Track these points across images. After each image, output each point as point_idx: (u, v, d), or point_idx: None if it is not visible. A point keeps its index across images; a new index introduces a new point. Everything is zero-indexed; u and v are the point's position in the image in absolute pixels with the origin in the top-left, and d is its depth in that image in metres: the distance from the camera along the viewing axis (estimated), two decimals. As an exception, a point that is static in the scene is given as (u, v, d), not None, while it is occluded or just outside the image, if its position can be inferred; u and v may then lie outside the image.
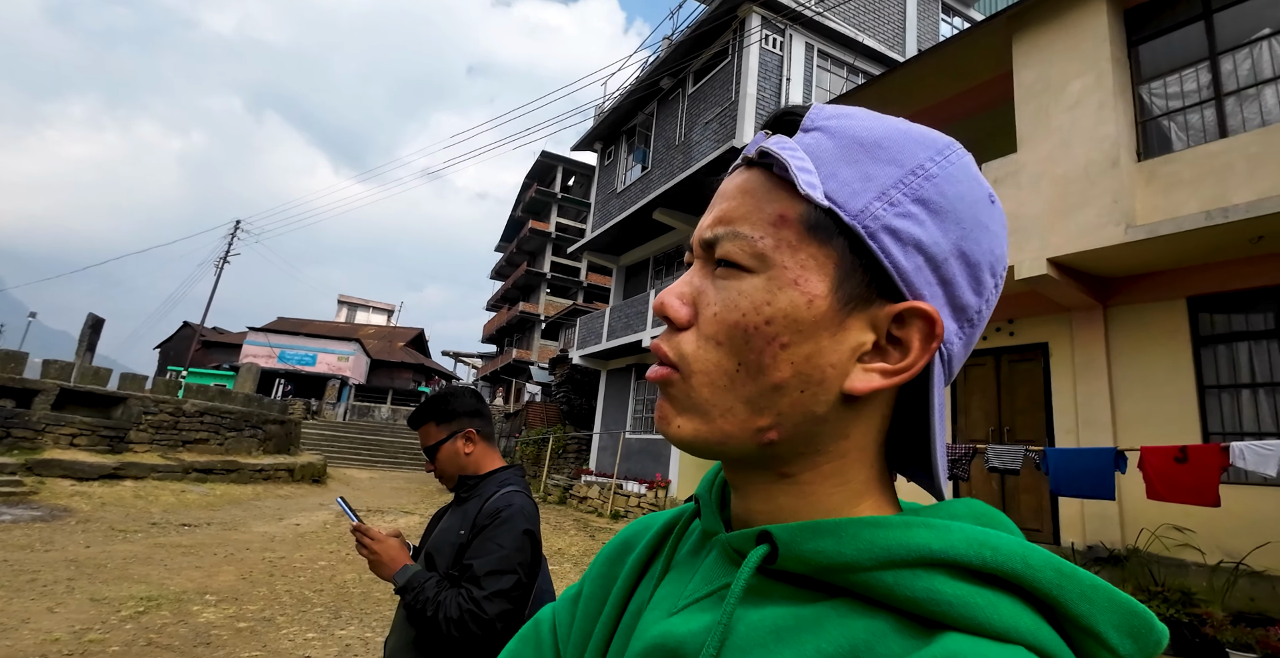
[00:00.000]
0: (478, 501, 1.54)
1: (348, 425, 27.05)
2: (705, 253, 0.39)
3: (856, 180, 0.35)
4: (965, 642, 0.28)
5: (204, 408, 12.03)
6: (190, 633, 4.07)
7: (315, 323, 41.70)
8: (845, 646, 0.30)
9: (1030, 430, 7.04)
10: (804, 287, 0.35)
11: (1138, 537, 5.81)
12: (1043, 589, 0.30)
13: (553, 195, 35.95)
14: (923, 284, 0.35)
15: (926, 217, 0.35)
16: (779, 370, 0.35)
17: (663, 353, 0.38)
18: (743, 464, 0.38)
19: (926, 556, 0.31)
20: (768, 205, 0.36)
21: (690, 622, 0.36)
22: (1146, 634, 0.30)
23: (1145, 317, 6.30)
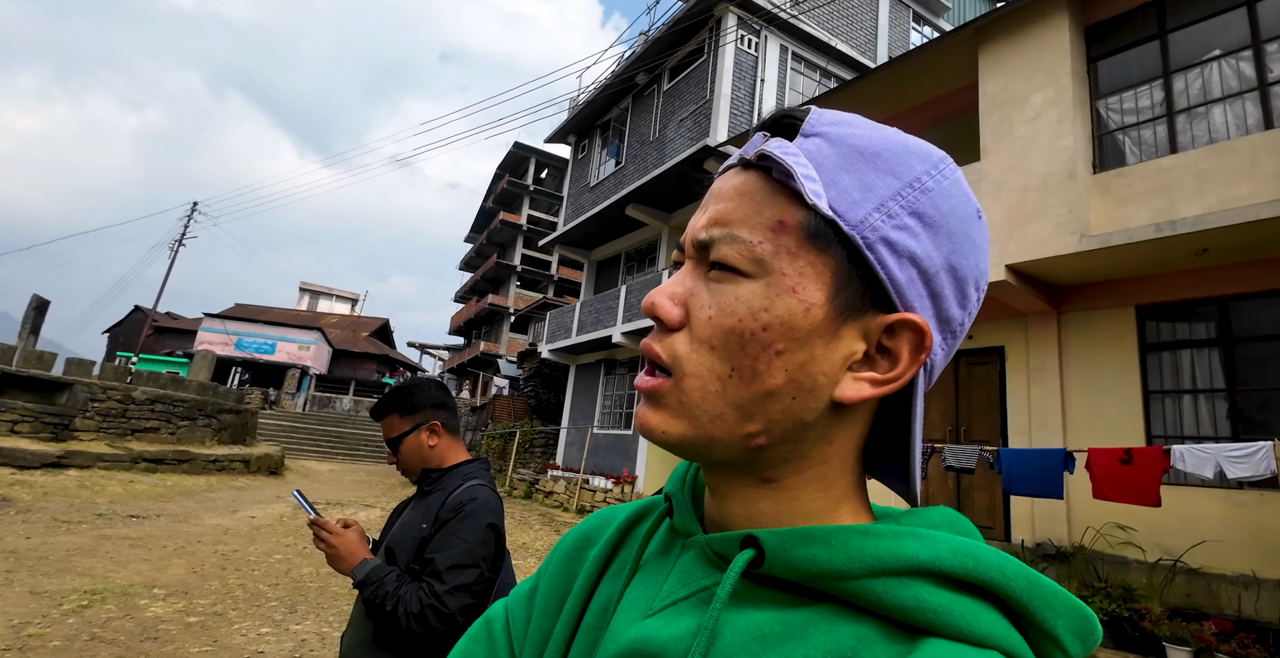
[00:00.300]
0: (441, 494, 1.52)
1: (307, 416, 26.43)
2: (699, 254, 0.38)
3: (857, 190, 0.35)
4: (948, 648, 0.30)
5: (155, 396, 11.62)
6: (136, 628, 3.94)
7: (275, 310, 40.59)
8: (832, 652, 0.31)
9: (985, 431, 7.25)
10: (801, 294, 0.35)
11: (1083, 535, 6.05)
12: (1015, 597, 0.32)
13: (525, 187, 35.61)
14: (914, 297, 0.35)
15: (921, 230, 0.35)
16: (772, 377, 0.35)
17: (654, 353, 0.38)
18: (725, 467, 0.38)
19: (914, 565, 0.32)
20: (767, 210, 0.36)
21: (670, 626, 0.36)
22: (1090, 635, 0.33)
23: (1096, 323, 6.54)
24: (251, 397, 24.25)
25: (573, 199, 16.53)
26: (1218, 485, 5.35)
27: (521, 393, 19.53)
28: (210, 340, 29.66)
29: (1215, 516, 5.38)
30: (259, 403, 25.18)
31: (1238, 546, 5.21)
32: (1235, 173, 5.26)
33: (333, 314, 43.95)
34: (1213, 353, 5.86)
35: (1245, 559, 5.15)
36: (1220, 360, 5.80)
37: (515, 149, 36.22)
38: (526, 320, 31.72)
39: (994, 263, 6.39)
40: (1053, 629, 0.32)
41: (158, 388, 11.98)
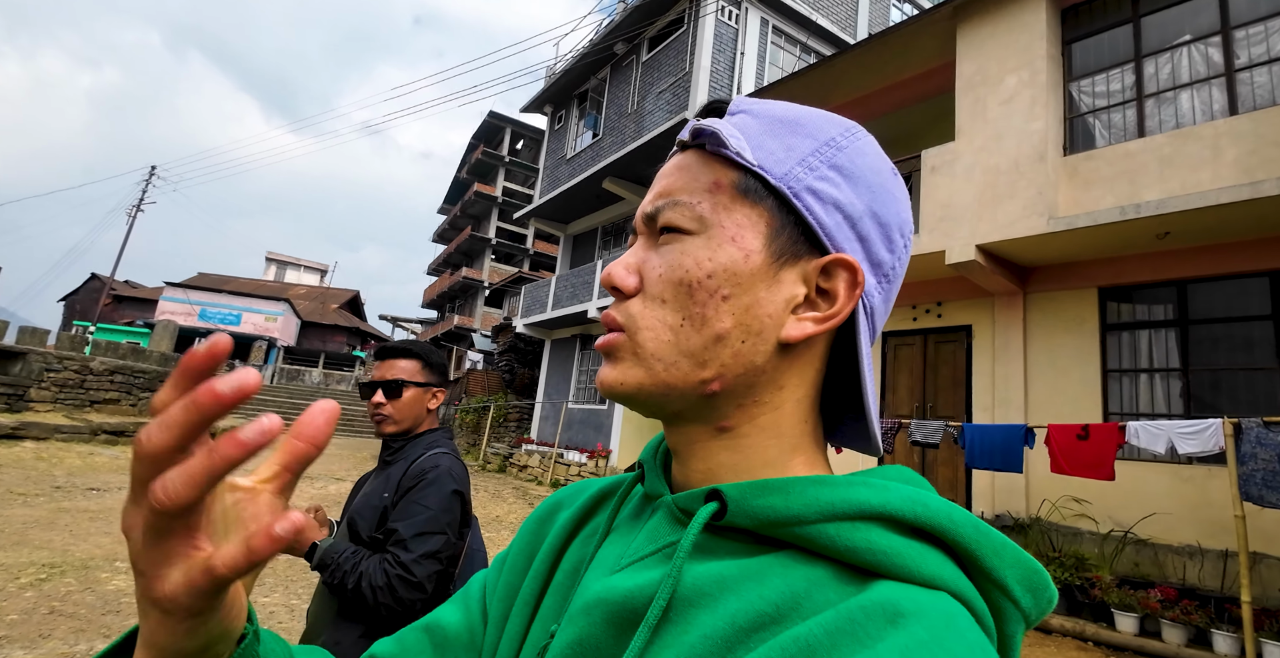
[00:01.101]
0: (403, 463, 1.50)
1: (276, 389, 26.00)
2: (648, 227, 0.41)
3: (780, 150, 0.39)
4: (897, 589, 0.30)
5: (115, 366, 11.29)
6: (97, 601, 3.88)
7: (240, 280, 39.54)
8: (786, 593, 0.32)
9: (950, 408, 7.43)
10: (740, 243, 0.38)
11: (1040, 507, 6.28)
12: (963, 544, 0.33)
13: (500, 158, 34.92)
14: (844, 239, 0.39)
15: (841, 180, 0.39)
16: (721, 321, 0.37)
17: (611, 320, 0.40)
18: (683, 419, 0.40)
19: (866, 510, 0.33)
20: (703, 176, 0.40)
21: (636, 577, 0.37)
22: (1042, 591, 0.34)
23: (1060, 304, 6.69)
24: (217, 369, 23.72)
25: (549, 171, 16.27)
26: (1168, 461, 5.58)
27: (496, 367, 19.44)
28: (172, 310, 28.84)
29: (1164, 489, 5.62)
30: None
31: (1184, 518, 5.46)
32: (1198, 158, 5.37)
33: (301, 285, 42.98)
34: (1169, 334, 6.05)
35: (1190, 531, 5.40)
36: (1176, 341, 6.00)
37: (490, 118, 35.41)
38: (501, 294, 31.40)
39: (964, 242, 6.48)
40: (1001, 578, 0.33)
41: (117, 358, 11.64)
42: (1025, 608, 0.33)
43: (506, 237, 34.96)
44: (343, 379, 30.79)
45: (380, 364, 1.59)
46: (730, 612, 0.32)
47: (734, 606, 0.33)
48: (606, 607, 0.37)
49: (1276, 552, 4.97)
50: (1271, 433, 4.28)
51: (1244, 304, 5.67)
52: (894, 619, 0.28)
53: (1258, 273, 5.58)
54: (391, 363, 1.57)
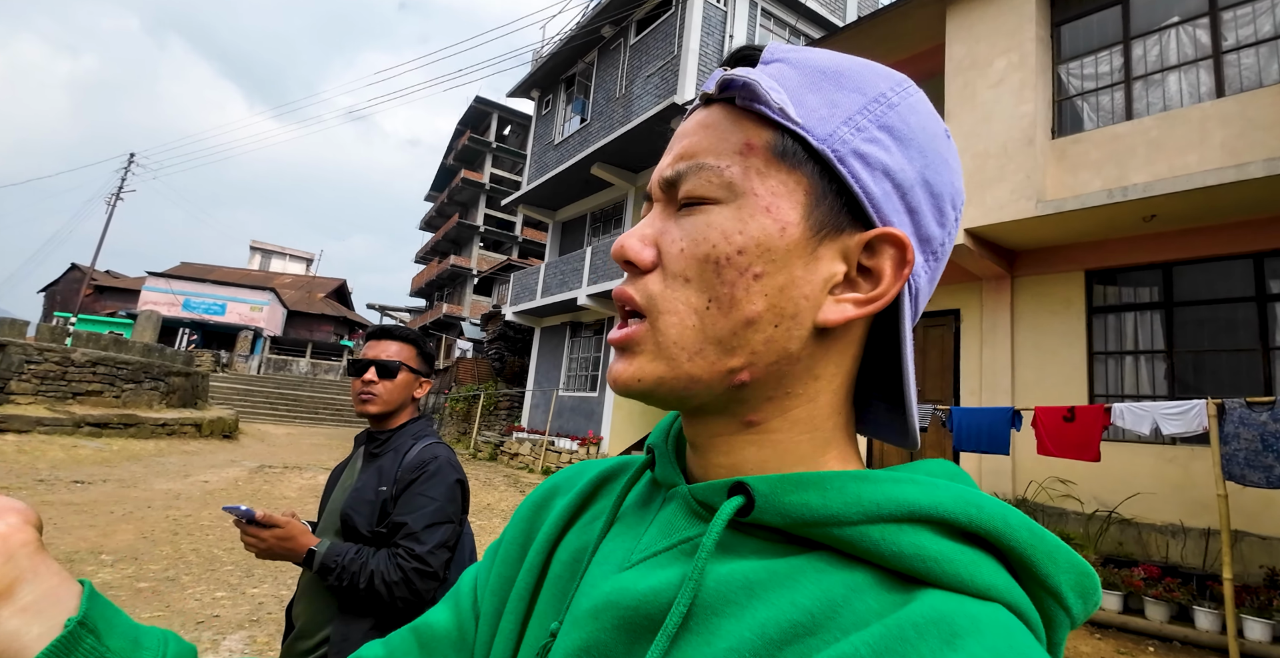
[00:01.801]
0: (393, 455, 1.48)
1: (263, 379, 25.80)
2: (666, 194, 0.37)
3: (823, 106, 0.34)
4: (949, 600, 0.28)
5: (97, 358, 11.13)
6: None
7: (225, 269, 39.07)
8: (822, 600, 0.29)
9: (939, 391, 7.49)
10: (776, 214, 0.33)
11: (1026, 488, 6.36)
12: (1018, 549, 0.30)
13: (487, 144, 34.56)
14: (891, 211, 0.34)
15: (892, 143, 0.34)
16: (752, 304, 0.33)
17: (627, 297, 0.36)
18: (706, 412, 0.36)
19: (915, 511, 0.30)
20: (732, 135, 0.35)
21: (649, 577, 0.34)
22: (1092, 594, 0.32)
23: (1047, 287, 6.73)
24: (202, 359, 23.51)
25: (536, 157, 16.11)
26: (1153, 442, 5.65)
27: (485, 355, 19.37)
28: (155, 301, 28.45)
29: (1149, 470, 5.70)
30: (210, 365, 24.44)
31: (1167, 498, 5.54)
32: (1185, 141, 5.38)
33: (286, 274, 42.54)
34: (1155, 316, 6.11)
35: (1174, 510, 5.49)
36: (1161, 323, 6.05)
37: (476, 104, 34.99)
38: (490, 282, 31.20)
39: (954, 227, 6.47)
40: (1056, 585, 0.30)
41: (99, 350, 11.47)
42: (1076, 614, 0.31)
43: (495, 224, 34.70)
44: (331, 369, 30.58)
45: (374, 344, 1.57)
46: (759, 621, 0.29)
47: (763, 614, 0.30)
48: (618, 611, 0.33)
49: (1257, 530, 5.06)
50: (1254, 413, 4.33)
51: (1228, 286, 5.72)
52: (950, 640, 0.25)
53: (1242, 255, 5.63)
54: (386, 344, 1.55)
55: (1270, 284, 5.51)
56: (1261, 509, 5.04)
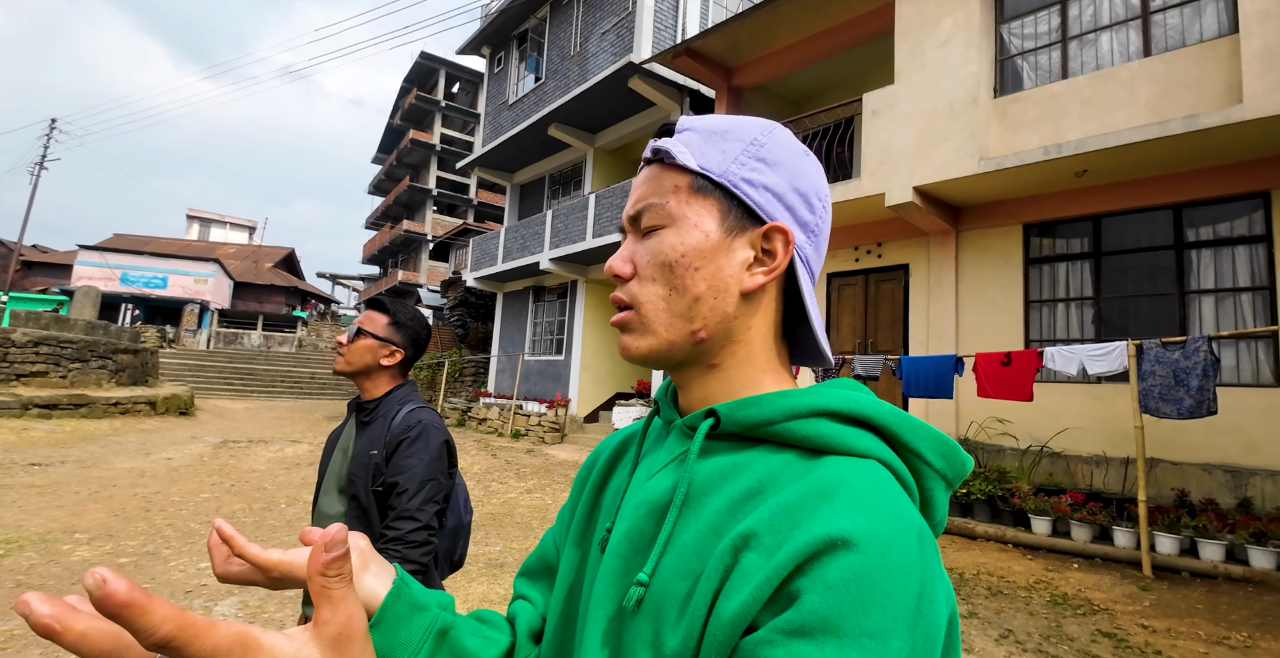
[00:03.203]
0: (383, 421, 1.58)
1: (214, 354, 25.03)
2: (633, 227, 0.54)
3: (716, 154, 0.52)
4: (840, 460, 0.45)
5: (38, 337, 10.69)
6: (64, 572, 3.88)
7: (162, 241, 37.19)
8: (765, 473, 0.46)
9: (890, 342, 7.87)
10: (701, 227, 0.51)
11: (968, 429, 6.83)
12: (886, 426, 0.47)
13: (436, 103, 33.22)
14: (775, 211, 0.51)
15: (766, 168, 0.52)
16: (697, 286, 0.50)
17: (619, 300, 0.53)
18: (685, 365, 0.53)
19: (816, 409, 0.47)
20: (666, 182, 0.52)
21: (664, 481, 0.51)
22: (955, 456, 0.48)
23: (988, 241, 7.08)
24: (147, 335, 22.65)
25: (490, 117, 15.67)
26: (1080, 381, 6.13)
27: (447, 323, 19.18)
28: (90, 275, 27.05)
29: (1077, 407, 6.19)
30: (156, 342, 23.56)
31: (1093, 431, 6.05)
32: (1115, 99, 5.67)
33: (229, 244, 40.74)
34: (1085, 265, 6.52)
35: (1098, 442, 6.01)
36: (1090, 272, 6.47)
37: (423, 60, 33.45)
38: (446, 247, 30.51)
39: (903, 185, 6.71)
40: (917, 448, 0.47)
41: (40, 329, 11.00)
42: (940, 469, 0.47)
43: (448, 187, 33.74)
44: (285, 341, 29.77)
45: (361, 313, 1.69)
46: (729, 493, 0.46)
47: (732, 488, 0.46)
48: (647, 505, 0.50)
49: (1170, 456, 5.60)
50: (1168, 352, 4.76)
51: (1150, 235, 6.13)
52: (843, 479, 0.43)
53: (1163, 206, 6.03)
54: (368, 313, 1.66)
55: (1187, 233, 5.94)
56: (1173, 437, 5.57)
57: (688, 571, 0.44)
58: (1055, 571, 4.77)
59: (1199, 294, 5.83)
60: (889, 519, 0.40)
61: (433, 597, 0.53)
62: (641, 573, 0.46)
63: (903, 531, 0.40)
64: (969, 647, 3.33)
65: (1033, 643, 3.39)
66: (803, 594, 0.37)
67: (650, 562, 0.46)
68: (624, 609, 0.47)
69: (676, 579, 0.44)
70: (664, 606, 0.44)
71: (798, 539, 0.39)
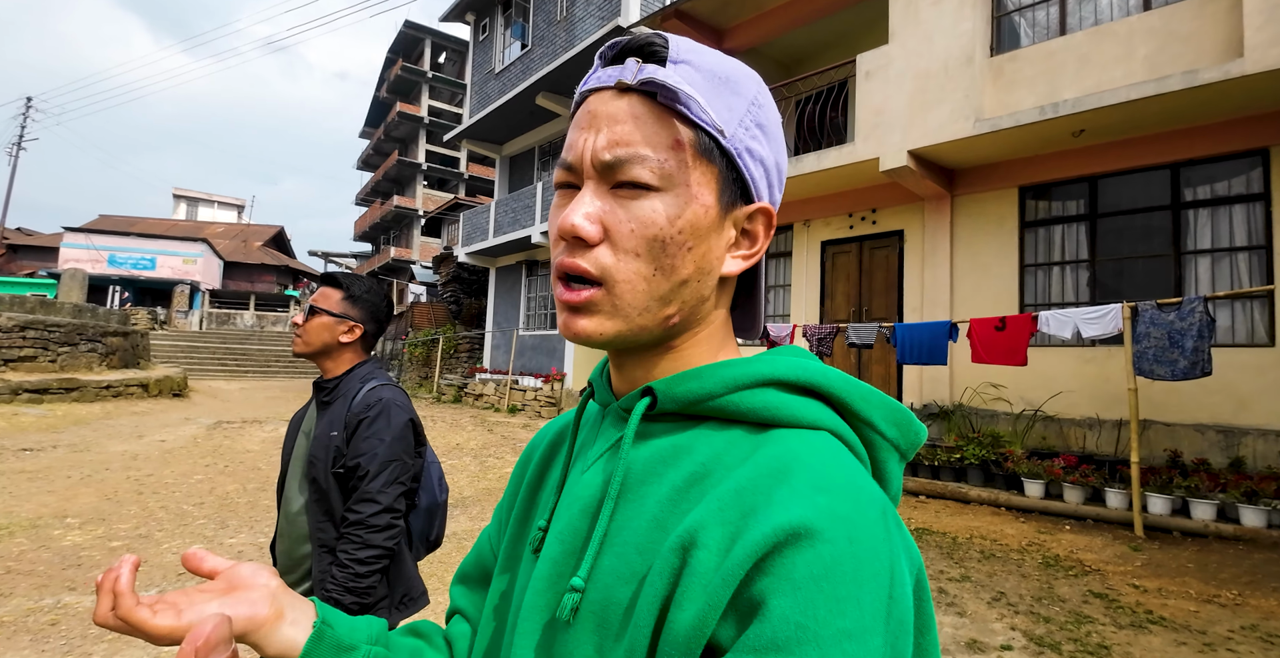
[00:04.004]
0: (343, 401, 1.52)
1: (206, 335, 24.90)
2: (601, 175, 0.43)
3: (724, 110, 0.43)
4: (788, 433, 0.41)
5: (24, 321, 10.56)
6: (55, 557, 3.86)
7: (149, 221, 36.67)
8: (709, 454, 0.41)
9: (884, 310, 7.82)
10: (702, 200, 0.43)
11: (962, 394, 6.83)
12: (836, 394, 0.43)
13: (422, 74, 32.47)
14: (764, 189, 0.46)
15: (763, 137, 0.45)
16: (686, 269, 0.43)
17: (580, 270, 0.42)
18: (642, 347, 0.46)
19: (760, 378, 0.43)
20: (663, 131, 0.42)
21: (598, 474, 0.46)
22: (908, 425, 0.44)
23: (983, 205, 6.97)
24: (138, 317, 22.46)
25: (477, 87, 15.31)
26: (1075, 345, 6.10)
27: (441, 299, 19.06)
28: (76, 257, 26.69)
29: (1070, 371, 6.18)
30: (147, 323, 23.38)
31: (1086, 395, 6.05)
32: (1112, 56, 5.51)
33: (217, 223, 40.22)
34: (1080, 228, 6.43)
35: (1091, 405, 6.01)
36: (1086, 234, 6.39)
37: (407, 29, 32.57)
38: (438, 223, 30.19)
39: (896, 149, 6.57)
40: (868, 417, 0.43)
41: (25, 313, 10.86)
42: (892, 439, 0.44)
43: (438, 160, 33.19)
44: (278, 320, 29.62)
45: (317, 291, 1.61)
46: (671, 481, 0.41)
47: (674, 475, 0.41)
48: (581, 501, 0.45)
49: (1163, 418, 5.61)
50: (1163, 314, 4.71)
51: (1147, 196, 6.04)
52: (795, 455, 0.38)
53: (1160, 165, 5.92)
54: (322, 290, 1.58)
55: (1184, 193, 5.84)
56: (1166, 399, 5.57)
57: (630, 573, 0.39)
58: (1048, 533, 4.80)
59: (1195, 255, 5.76)
60: (851, 498, 0.36)
61: (360, 631, 0.48)
62: (575, 577, 0.40)
63: (866, 509, 0.35)
64: (961, 610, 3.35)
65: (1024, 605, 3.41)
66: (768, 599, 0.32)
67: (585, 564, 0.40)
68: (557, 620, 0.41)
69: (618, 584, 0.39)
70: (606, 615, 0.39)
71: (754, 531, 0.34)
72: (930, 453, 6.22)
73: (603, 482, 0.44)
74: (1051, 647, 2.90)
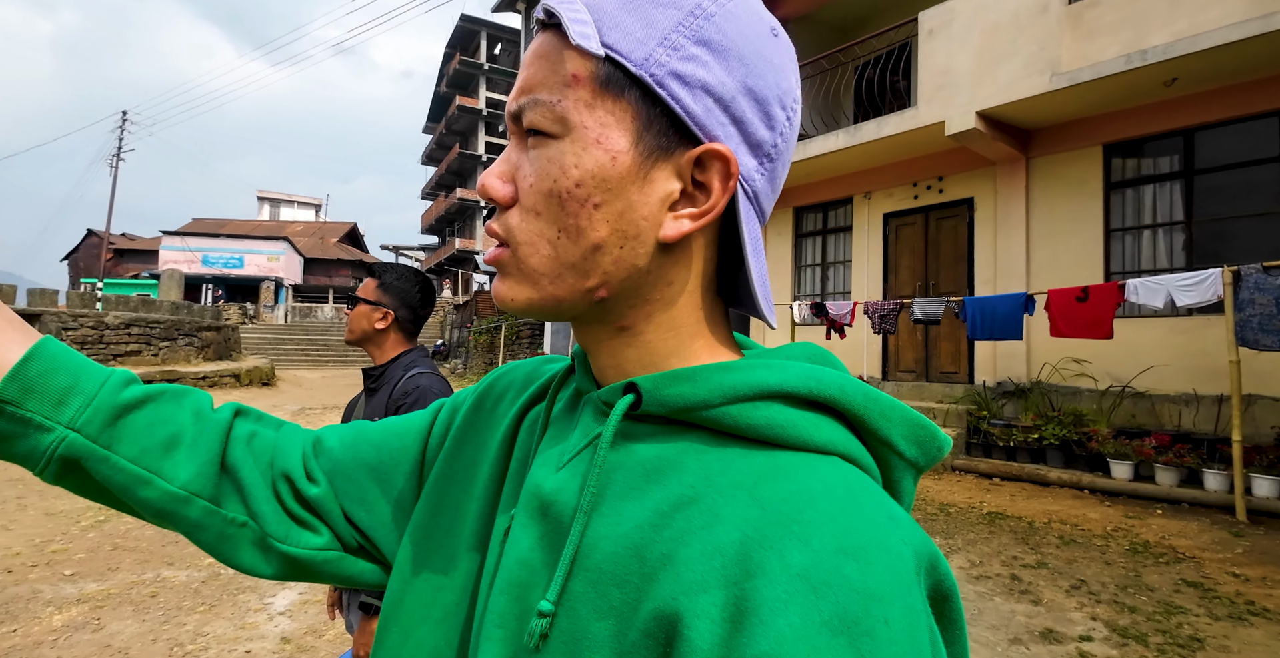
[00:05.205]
0: (387, 388, 1.58)
1: (290, 328, 26.45)
2: (516, 126, 0.38)
3: (639, 28, 0.35)
4: (793, 457, 0.34)
5: (129, 319, 11.49)
6: (155, 534, 4.20)
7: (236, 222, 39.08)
8: (700, 475, 0.35)
9: (952, 283, 7.43)
10: (606, 145, 0.35)
11: (1040, 371, 6.43)
12: (852, 410, 0.35)
13: (479, 66, 32.99)
14: (715, 126, 0.36)
15: (710, 57, 0.35)
16: (596, 231, 0.36)
17: (493, 232, 0.39)
18: (584, 321, 0.41)
19: (765, 390, 0.35)
20: (560, 67, 0.36)
21: (571, 477, 0.39)
22: (929, 442, 0.37)
23: (1063, 166, 6.47)
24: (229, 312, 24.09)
25: (525, 76, 15.43)
26: (1167, 315, 5.62)
27: (501, 287, 19.51)
28: (174, 259, 28.82)
29: (1161, 343, 5.70)
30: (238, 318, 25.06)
31: (1180, 369, 5.58)
32: (1211, -10, 4.96)
33: (297, 222, 42.46)
34: (1174, 186, 5.88)
35: (1186, 380, 5.54)
36: (1180, 193, 5.84)
37: (463, 22, 33.12)
38: (497, 213, 30.73)
39: (963, 110, 6.18)
40: (887, 436, 0.36)
41: (130, 311, 11.82)
42: (911, 458, 0.37)
43: (496, 151, 33.75)
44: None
45: None
46: (654, 500, 0.35)
47: (657, 495, 0.35)
48: (555, 507, 0.38)
49: (1269, 392, 5.11)
50: (1270, 277, 4.27)
51: (1250, 148, 5.45)
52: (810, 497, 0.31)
53: (1265, 114, 5.32)
54: (365, 281, 1.68)
55: (1297, 142, 5.24)
56: (1274, 371, 5.06)
57: (606, 607, 0.33)
58: (1136, 517, 4.48)
59: (1310, 211, 5.17)
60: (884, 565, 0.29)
61: (77, 391, 0.45)
62: (544, 601, 0.35)
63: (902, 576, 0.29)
64: (1036, 597, 3.17)
65: (1107, 594, 3.20)
66: None
67: (555, 585, 0.35)
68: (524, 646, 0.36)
69: (593, 617, 0.33)
70: (579, 651, 0.33)
71: (779, 620, 0.27)
72: (1005, 433, 5.90)
73: (579, 487, 0.38)
74: (1137, 638, 2.71)
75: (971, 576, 3.49)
